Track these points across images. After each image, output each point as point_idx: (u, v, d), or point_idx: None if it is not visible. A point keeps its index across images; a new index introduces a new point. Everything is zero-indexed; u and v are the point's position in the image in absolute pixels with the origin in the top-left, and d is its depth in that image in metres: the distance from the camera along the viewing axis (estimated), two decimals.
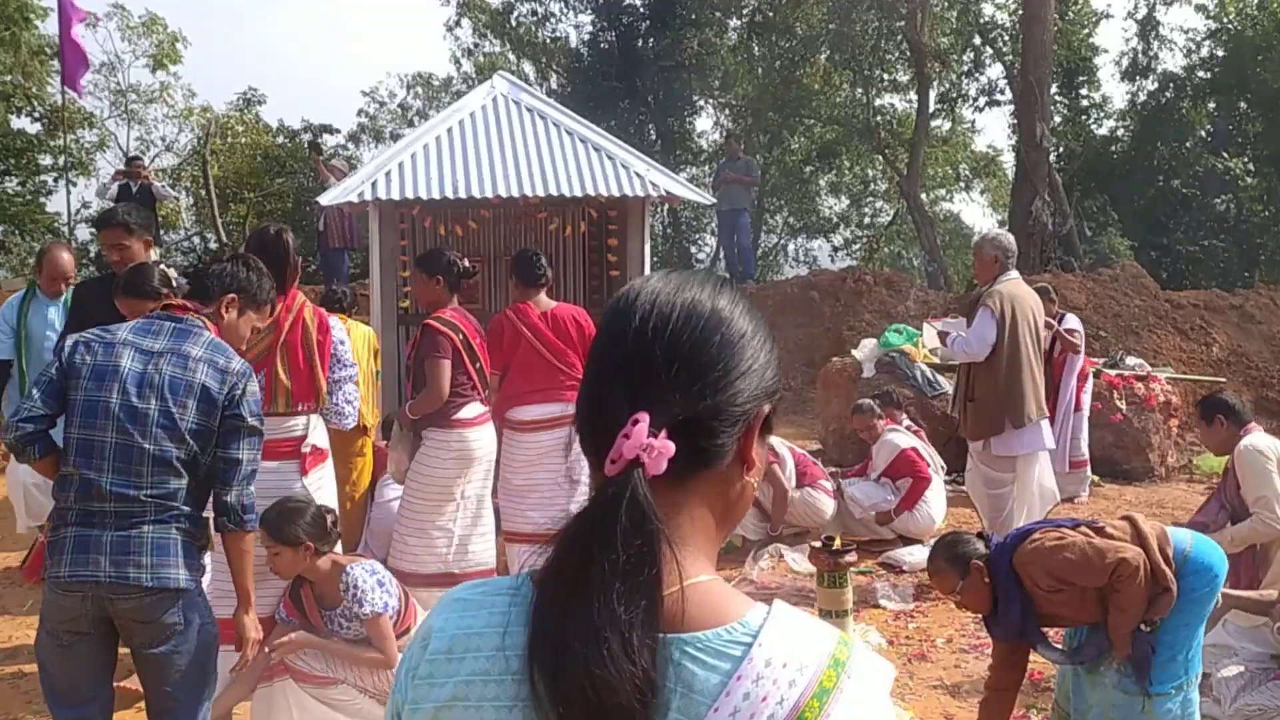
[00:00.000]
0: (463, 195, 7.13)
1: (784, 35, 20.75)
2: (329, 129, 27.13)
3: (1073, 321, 8.42)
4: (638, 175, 7.46)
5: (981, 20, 18.88)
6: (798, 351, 12.12)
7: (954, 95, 21.42)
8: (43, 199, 25.03)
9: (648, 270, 7.77)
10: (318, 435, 4.51)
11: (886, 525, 6.82)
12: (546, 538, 3.55)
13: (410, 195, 7.07)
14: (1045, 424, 6.00)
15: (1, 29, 20.96)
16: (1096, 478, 8.39)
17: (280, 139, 27.27)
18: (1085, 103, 21.66)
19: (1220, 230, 19.45)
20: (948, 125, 24.94)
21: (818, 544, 3.93)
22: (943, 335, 6.34)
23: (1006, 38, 18.71)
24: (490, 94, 8.06)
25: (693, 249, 26.70)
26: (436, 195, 7.10)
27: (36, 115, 24.21)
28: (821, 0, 18.90)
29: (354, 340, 5.98)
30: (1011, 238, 6.20)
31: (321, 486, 4.59)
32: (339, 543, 4.06)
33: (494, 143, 7.60)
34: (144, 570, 2.92)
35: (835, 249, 29.12)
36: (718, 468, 1.03)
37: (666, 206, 6.43)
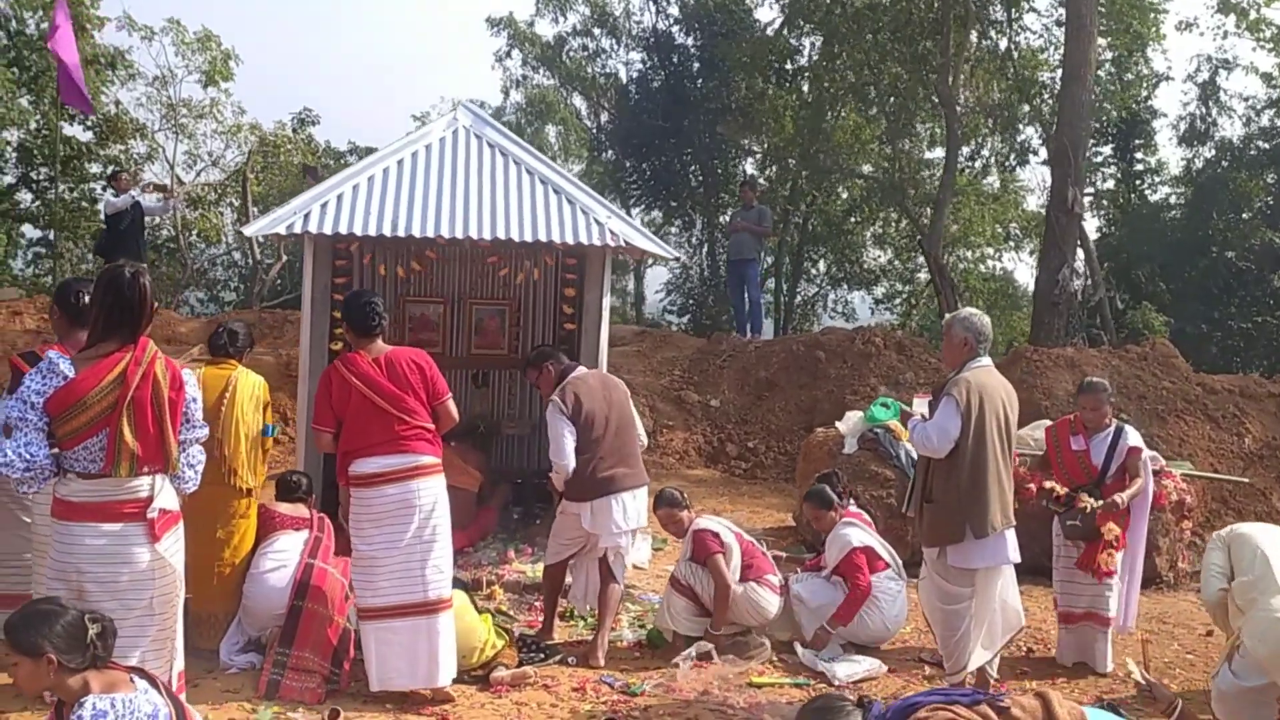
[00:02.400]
0: (401, 233, 6.58)
1: (830, 84, 20.12)
2: (375, 152, 27.00)
3: (1135, 437, 6.16)
4: (597, 223, 6.86)
5: (1020, 75, 18.12)
6: (797, 414, 11.41)
7: (988, 154, 20.65)
8: (85, 205, 25.19)
9: (605, 323, 7.15)
10: (165, 497, 4.03)
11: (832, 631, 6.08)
12: (400, 610, 2.75)
13: (344, 230, 6.53)
14: (1010, 534, 5.25)
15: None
16: None
17: (327, 161, 27.36)
18: (1140, 166, 20.78)
19: (1276, 307, 18.44)
20: (998, 183, 24.18)
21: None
22: (906, 416, 5.64)
23: (1046, 95, 17.91)
24: (451, 126, 7.53)
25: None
26: (373, 232, 6.55)
27: (89, 124, 24.37)
28: (860, 51, 18.22)
29: (240, 393, 5.44)
30: (987, 320, 5.48)
31: (177, 552, 4.10)
32: (106, 659, 3.35)
33: (446, 179, 7.06)
34: None
35: (876, 302, 28.40)
36: None
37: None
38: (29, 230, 26.05)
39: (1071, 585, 6.18)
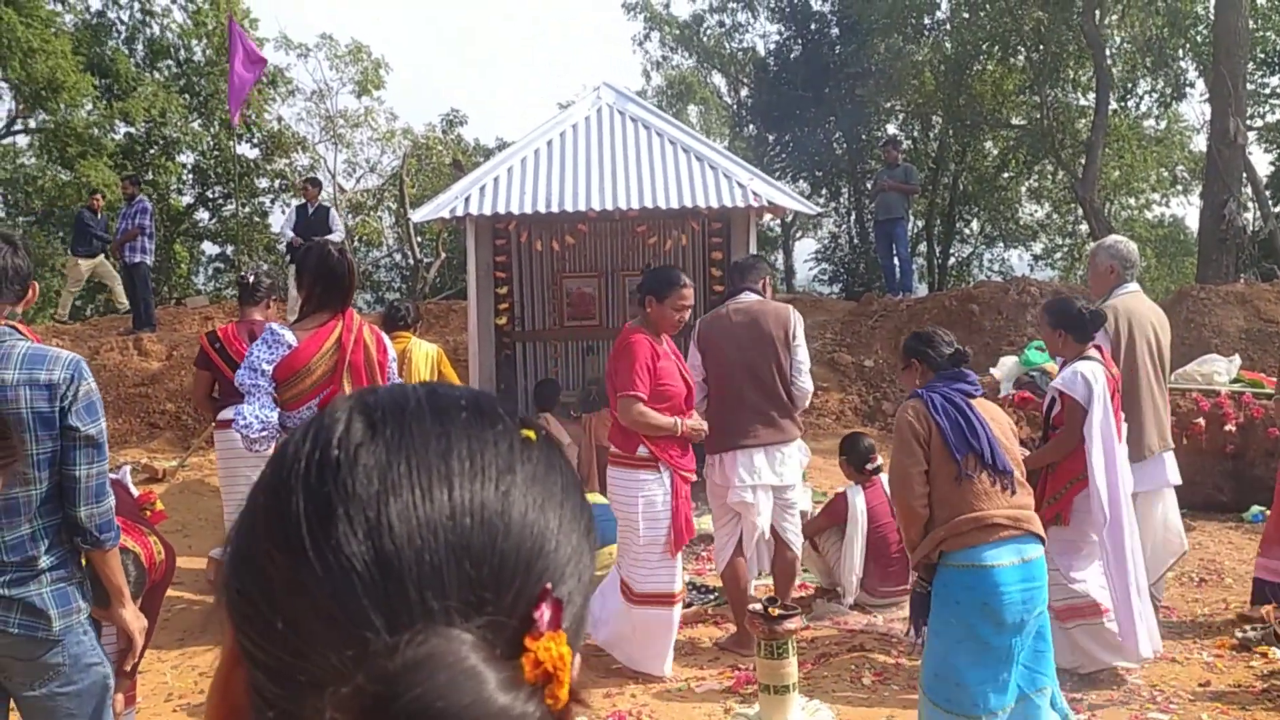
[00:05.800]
0: (554, 210, 6.95)
1: (971, 36, 19.70)
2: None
3: (1060, 378, 4.86)
4: (739, 185, 7.09)
5: (1172, 6, 17.32)
6: None
7: (1139, 92, 19.80)
8: (257, 219, 26.77)
9: None
10: None
11: None
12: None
13: (502, 210, 6.94)
14: (1169, 456, 5.25)
15: (224, 59, 22.56)
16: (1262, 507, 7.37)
17: (478, 159, 28.20)
18: None
19: None
20: (1160, 125, 23.18)
21: (757, 606, 3.48)
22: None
23: (1201, 27, 17.09)
24: (595, 104, 7.87)
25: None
26: (529, 210, 6.95)
27: (255, 141, 25.88)
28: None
29: (416, 359, 5.90)
30: (1133, 246, 5.49)
31: None
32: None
33: (593, 154, 7.40)
34: (11, 615, 2.72)
35: (1036, 258, 27.67)
36: None
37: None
38: (208, 247, 27.82)
39: None
